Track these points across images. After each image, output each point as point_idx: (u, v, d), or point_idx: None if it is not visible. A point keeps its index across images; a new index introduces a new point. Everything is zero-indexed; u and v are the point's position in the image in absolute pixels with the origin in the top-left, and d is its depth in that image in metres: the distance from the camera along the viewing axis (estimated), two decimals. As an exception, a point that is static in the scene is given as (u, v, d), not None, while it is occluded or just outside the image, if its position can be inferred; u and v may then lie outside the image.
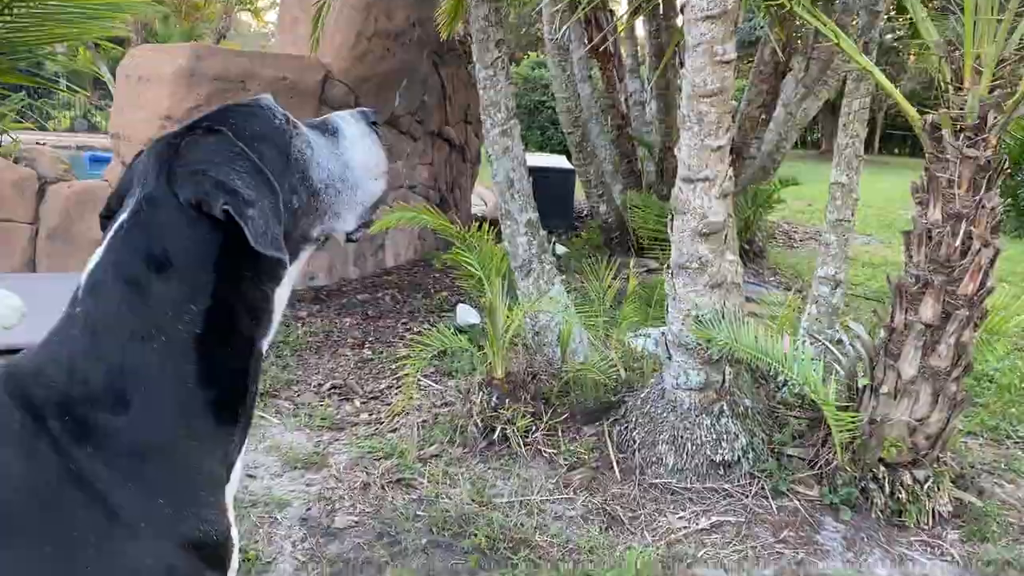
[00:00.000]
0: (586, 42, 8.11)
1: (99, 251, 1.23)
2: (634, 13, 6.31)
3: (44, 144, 8.54)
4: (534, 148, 25.09)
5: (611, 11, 8.82)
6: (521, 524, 3.17)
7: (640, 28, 9.47)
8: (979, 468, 3.98)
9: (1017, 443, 4.42)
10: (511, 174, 4.38)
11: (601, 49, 8.38)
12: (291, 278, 1.34)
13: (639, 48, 9.44)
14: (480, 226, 4.33)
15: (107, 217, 1.31)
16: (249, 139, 1.24)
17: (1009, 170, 3.00)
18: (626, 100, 9.14)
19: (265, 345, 1.33)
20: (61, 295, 1.28)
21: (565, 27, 6.88)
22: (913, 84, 23.55)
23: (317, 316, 5.77)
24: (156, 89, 5.75)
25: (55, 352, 1.18)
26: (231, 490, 1.31)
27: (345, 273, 7.02)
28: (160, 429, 1.17)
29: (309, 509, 3.26)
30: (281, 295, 1.33)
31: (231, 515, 1.27)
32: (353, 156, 1.39)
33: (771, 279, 8.05)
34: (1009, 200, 13.99)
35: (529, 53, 25.83)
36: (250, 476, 3.46)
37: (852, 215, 4.19)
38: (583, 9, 6.01)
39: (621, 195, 8.54)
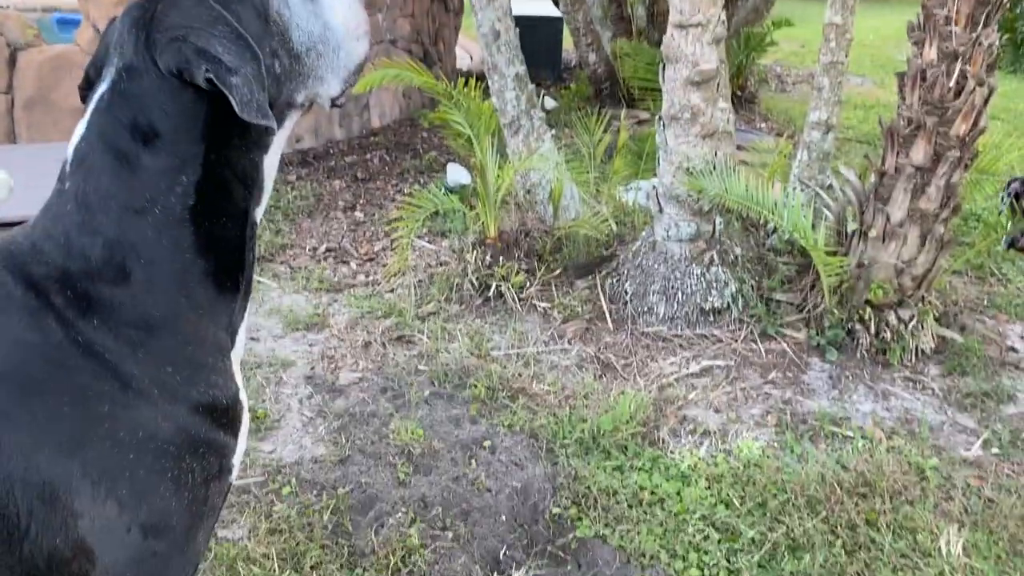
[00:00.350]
0: None
1: (82, 124, 1.21)
2: None
3: (8, 8, 8.14)
4: (519, -5, 23.95)
5: None
6: (519, 374, 3.29)
7: None
8: (962, 306, 4.10)
9: (999, 280, 4.54)
10: (496, 25, 4.23)
11: None
12: (279, 145, 1.33)
13: None
14: (467, 82, 4.22)
15: (87, 88, 1.28)
16: (226, 1, 1.20)
17: (1008, 2, 2.91)
18: (614, -61, 8.67)
19: (259, 214, 1.34)
20: (49, 167, 1.27)
21: None
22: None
23: (306, 179, 5.72)
24: None
25: (50, 229, 1.19)
26: (237, 355, 1.35)
27: (331, 135, 6.90)
28: (162, 299, 1.19)
29: (313, 368, 3.36)
30: (270, 163, 1.32)
31: (239, 379, 1.33)
32: (332, 16, 1.34)
33: (762, 125, 7.95)
34: (1007, 35, 13.64)
35: None
36: (253, 339, 3.55)
37: (846, 57, 4.09)
38: None
39: (611, 43, 8.26)
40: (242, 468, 2.49)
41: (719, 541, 2.43)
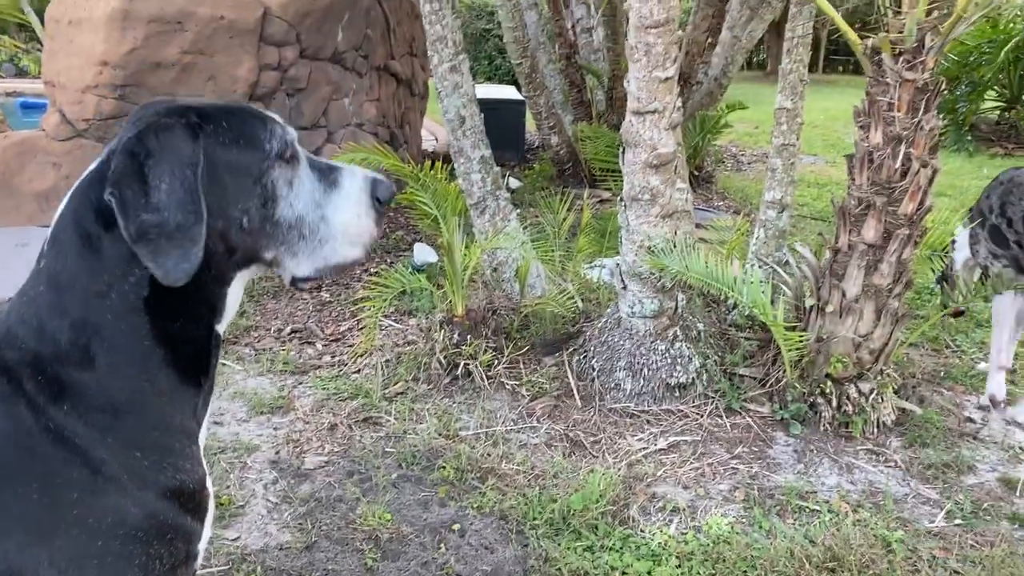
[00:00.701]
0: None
1: (63, 201, 1.25)
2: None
3: (-28, 94, 8.18)
4: (482, 78, 24.66)
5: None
6: (487, 454, 3.27)
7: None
8: (920, 378, 4.19)
9: (954, 352, 4.66)
10: (462, 111, 4.36)
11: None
12: (242, 280, 1.37)
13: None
14: (433, 164, 4.32)
15: None
16: (222, 148, 1.24)
17: (946, 90, 3.08)
18: (573, 27, 9.02)
19: (222, 328, 1.36)
20: (8, 252, 1.29)
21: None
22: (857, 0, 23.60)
23: (272, 261, 5.73)
24: (89, 34, 5.54)
25: (24, 312, 1.20)
26: (200, 439, 1.36)
27: (297, 216, 6.95)
28: (127, 384, 1.21)
29: (278, 452, 3.32)
30: (233, 291, 1.35)
31: (203, 463, 1.33)
32: (336, 215, 1.38)
33: (720, 204, 8.19)
34: (948, 116, 14.33)
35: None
36: (216, 423, 3.50)
37: (797, 139, 4.28)
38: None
39: (572, 126, 8.52)
40: (205, 557, 2.43)
41: (692, 621, 2.41)
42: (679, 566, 2.65)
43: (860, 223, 3.25)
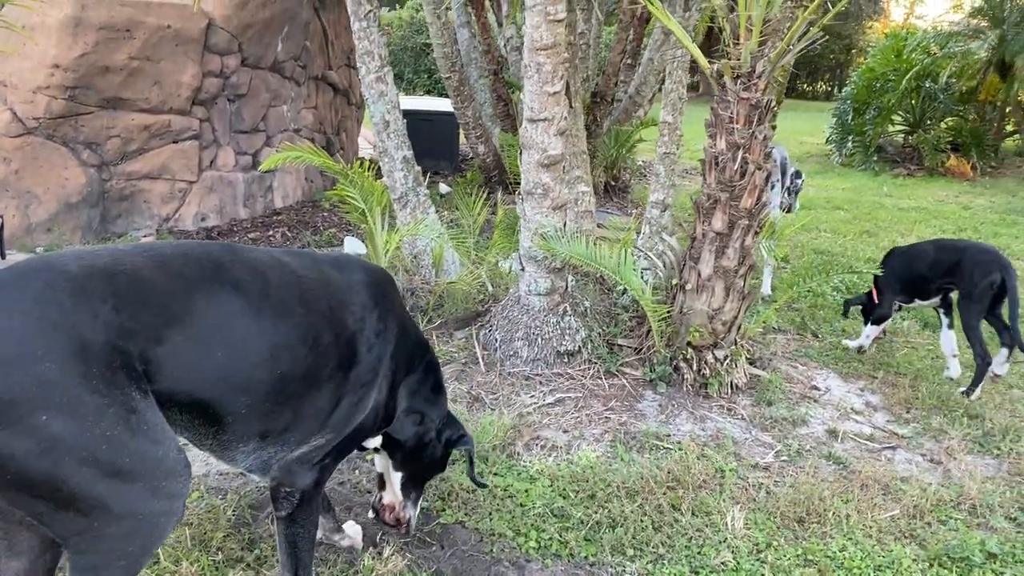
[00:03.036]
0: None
1: None
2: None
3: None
4: (421, 91, 25.20)
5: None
6: (400, 406, 3.84)
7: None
8: (781, 355, 4.92)
9: (816, 337, 5.41)
10: (387, 116, 4.94)
11: (475, -3, 8.88)
12: None
13: (515, -6, 9.95)
14: (362, 163, 4.89)
15: None
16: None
17: (776, 107, 3.77)
18: (505, 45, 9.68)
19: None
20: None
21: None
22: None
23: (213, 251, 6.20)
24: (43, 38, 5.97)
25: None
26: None
27: (236, 214, 7.43)
28: None
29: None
30: None
31: None
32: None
33: (634, 211, 8.92)
34: (858, 137, 15.47)
35: (412, -5, 25.70)
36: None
37: (677, 148, 4.98)
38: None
39: (500, 136, 9.17)
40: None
41: (555, 522, 3.02)
42: (551, 485, 3.27)
43: (711, 215, 3.94)
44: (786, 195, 6.28)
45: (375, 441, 2.58)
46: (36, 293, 1.60)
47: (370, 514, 2.87)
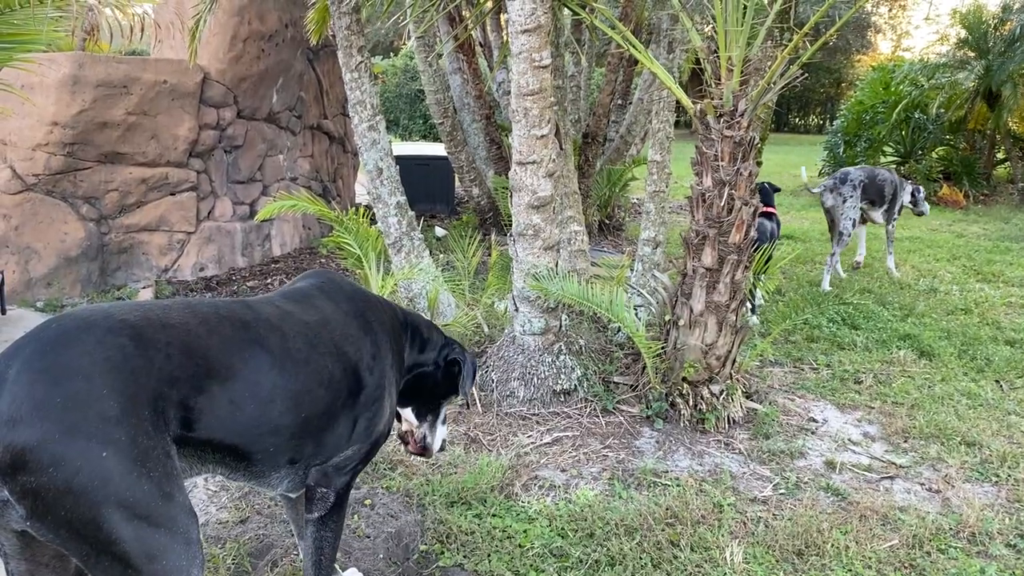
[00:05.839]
0: (455, 38, 8.76)
1: None
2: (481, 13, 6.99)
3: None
4: (417, 137, 25.49)
5: (474, 4, 9.48)
6: (398, 449, 3.86)
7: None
8: (778, 388, 4.94)
9: (814, 369, 5.43)
10: (380, 163, 5.03)
11: (466, 43, 9.06)
12: None
13: (505, 39, 10.15)
14: (357, 210, 4.96)
15: None
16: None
17: (760, 144, 3.85)
18: (497, 89, 9.85)
19: None
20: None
21: (426, 24, 7.51)
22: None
23: (211, 301, 6.25)
24: (41, 96, 6.09)
25: None
26: None
27: (234, 263, 7.49)
28: None
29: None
30: None
31: None
32: None
33: (628, 249, 8.98)
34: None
35: (406, 42, 26.11)
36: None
37: (667, 186, 5.06)
38: (445, 9, 6.66)
39: (494, 179, 9.28)
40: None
41: (554, 562, 3.02)
42: (549, 525, 3.27)
43: (700, 251, 4.00)
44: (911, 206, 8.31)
45: None
46: (99, 337, 1.73)
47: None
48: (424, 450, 2.90)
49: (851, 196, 7.54)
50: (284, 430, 2.09)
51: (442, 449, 2.98)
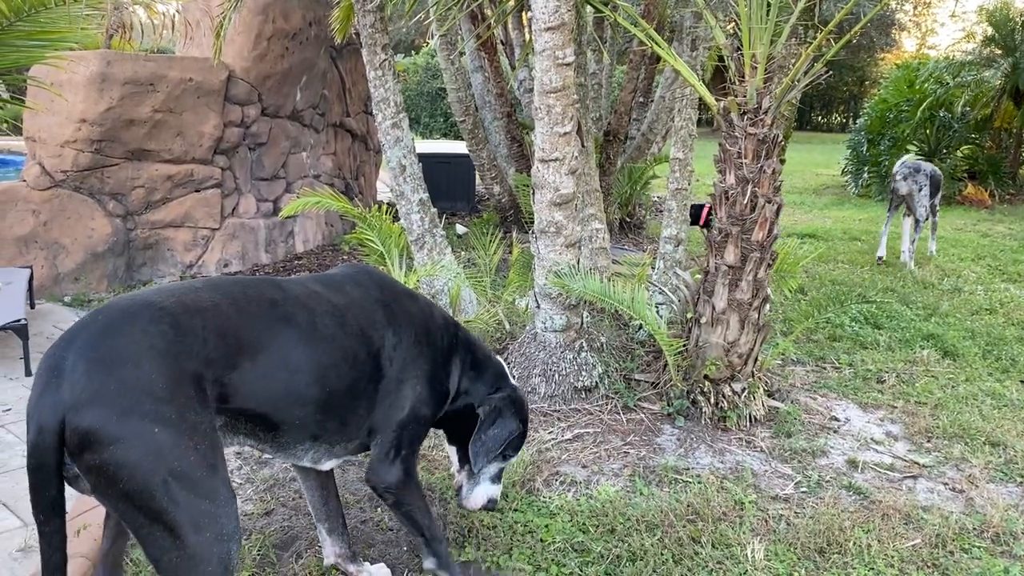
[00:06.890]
0: (477, 36, 8.80)
1: None
2: (503, 12, 7.01)
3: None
4: (438, 135, 25.57)
5: (496, 3, 9.51)
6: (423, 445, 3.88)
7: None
8: (800, 387, 4.92)
9: (836, 368, 5.40)
10: (403, 160, 5.06)
11: (488, 41, 9.08)
12: None
13: (527, 38, 10.17)
14: (380, 207, 5.00)
15: None
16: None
17: (784, 142, 3.84)
18: (518, 87, 9.87)
19: None
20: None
21: (449, 23, 7.54)
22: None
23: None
24: (70, 94, 6.18)
25: None
26: None
27: (257, 259, 7.57)
28: None
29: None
30: None
31: None
32: None
33: (649, 247, 8.97)
34: (873, 168, 15.50)
35: (428, 40, 26.16)
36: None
37: (689, 184, 5.05)
38: (468, 8, 6.69)
39: (515, 177, 9.31)
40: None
41: (575, 557, 3.04)
42: (570, 520, 3.28)
43: (723, 249, 3.99)
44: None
45: None
46: (144, 325, 1.89)
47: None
48: (461, 500, 2.88)
49: (925, 185, 8.26)
50: (310, 402, 2.23)
51: (488, 508, 2.87)
